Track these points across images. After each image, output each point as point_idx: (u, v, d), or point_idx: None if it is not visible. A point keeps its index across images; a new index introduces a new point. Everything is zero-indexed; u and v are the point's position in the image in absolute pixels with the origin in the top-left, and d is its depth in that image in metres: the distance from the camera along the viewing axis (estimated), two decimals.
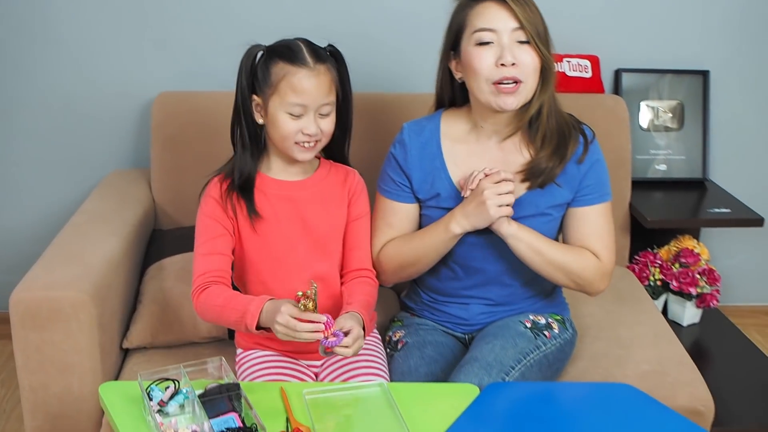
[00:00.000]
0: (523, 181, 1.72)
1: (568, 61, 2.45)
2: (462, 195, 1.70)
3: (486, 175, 1.65)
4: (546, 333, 1.77)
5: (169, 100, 2.29)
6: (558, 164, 1.71)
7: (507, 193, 1.64)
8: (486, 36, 1.63)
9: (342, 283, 1.71)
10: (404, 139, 1.77)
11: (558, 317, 1.85)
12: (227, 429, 1.31)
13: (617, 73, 2.53)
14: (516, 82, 1.63)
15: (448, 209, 1.73)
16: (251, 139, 1.64)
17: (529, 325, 1.77)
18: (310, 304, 1.47)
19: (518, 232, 1.68)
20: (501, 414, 1.46)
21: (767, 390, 2.12)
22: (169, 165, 2.27)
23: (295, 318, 1.44)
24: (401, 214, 1.79)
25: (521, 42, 1.63)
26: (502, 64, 1.62)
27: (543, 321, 1.80)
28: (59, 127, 2.48)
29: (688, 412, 1.80)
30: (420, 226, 1.80)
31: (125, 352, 1.93)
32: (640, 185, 2.48)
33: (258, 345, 1.71)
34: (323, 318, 1.44)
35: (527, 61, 1.63)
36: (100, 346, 1.74)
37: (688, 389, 1.85)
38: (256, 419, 1.32)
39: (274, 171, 1.68)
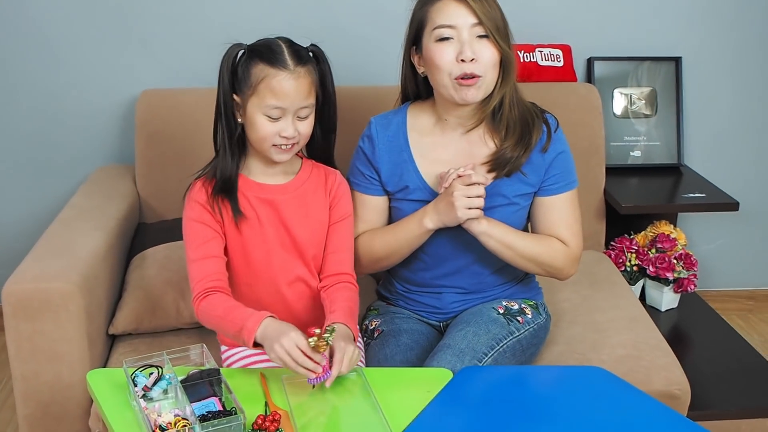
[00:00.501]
0: (489, 171, 1.75)
1: (540, 51, 2.50)
2: (438, 191, 1.73)
3: (459, 176, 1.67)
4: (519, 318, 1.81)
5: (152, 97, 2.33)
6: (523, 153, 1.74)
7: (477, 197, 1.66)
8: (446, 32, 1.66)
9: (322, 287, 1.70)
10: (372, 133, 1.80)
11: (531, 302, 1.89)
12: (208, 412, 1.37)
13: (590, 62, 2.57)
14: (476, 77, 1.66)
15: (417, 201, 1.77)
16: (231, 139, 1.61)
17: (501, 311, 1.80)
18: (322, 347, 1.44)
19: (489, 230, 1.71)
20: (473, 397, 1.49)
21: (745, 374, 2.14)
22: (153, 160, 2.32)
23: (301, 350, 1.42)
24: (371, 206, 1.82)
25: (480, 36, 1.66)
26: (462, 60, 1.65)
27: (516, 307, 1.83)
28: (46, 125, 2.51)
29: (664, 396, 1.83)
30: (390, 219, 1.84)
31: (112, 341, 1.98)
32: (616, 172, 2.52)
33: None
34: (323, 362, 1.43)
35: (486, 56, 1.66)
36: (88, 335, 1.80)
37: (663, 373, 1.87)
38: (236, 403, 1.37)
39: (255, 174, 1.66)
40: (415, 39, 1.74)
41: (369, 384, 1.49)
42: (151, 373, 1.45)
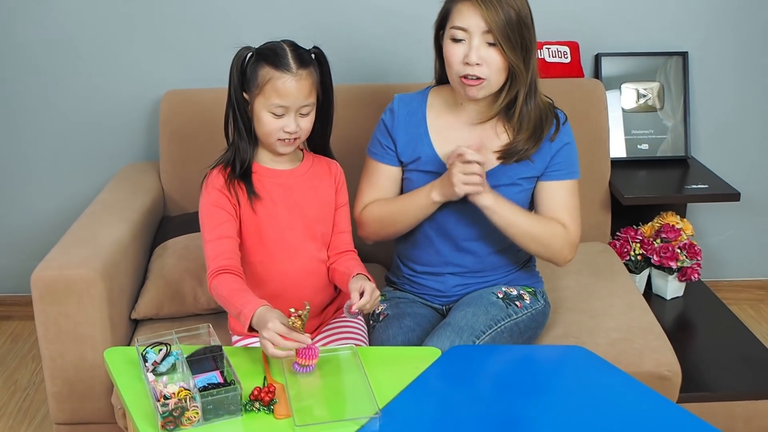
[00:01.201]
0: (498, 158, 1.87)
1: (548, 48, 2.57)
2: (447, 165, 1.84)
3: (458, 155, 1.77)
4: (517, 303, 1.90)
5: (175, 97, 2.46)
6: (533, 146, 1.86)
7: (473, 174, 1.76)
8: (459, 34, 1.78)
9: (331, 263, 1.82)
10: (394, 107, 1.95)
11: (530, 289, 1.98)
12: (209, 384, 1.48)
13: (597, 57, 2.63)
14: (480, 79, 1.77)
15: (427, 172, 1.89)
16: (246, 131, 1.75)
17: (501, 295, 1.90)
18: (298, 323, 1.53)
19: (494, 205, 1.81)
20: (458, 374, 1.59)
21: (742, 359, 2.20)
22: (176, 157, 2.45)
23: (281, 335, 1.50)
24: (384, 175, 1.95)
25: (490, 44, 1.76)
26: (467, 63, 1.76)
27: (515, 292, 1.93)
28: (78, 125, 2.65)
29: (654, 377, 1.91)
30: (402, 190, 1.96)
31: (135, 325, 2.12)
32: (624, 164, 2.59)
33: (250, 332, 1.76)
34: (308, 340, 1.51)
35: (493, 61, 1.77)
36: (110, 318, 1.93)
37: (654, 355, 1.94)
38: (234, 376, 1.49)
39: (266, 162, 1.78)
40: (439, 27, 1.86)
41: (361, 361, 1.59)
42: (161, 350, 1.57)
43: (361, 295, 1.63)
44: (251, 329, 1.58)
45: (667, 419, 1.45)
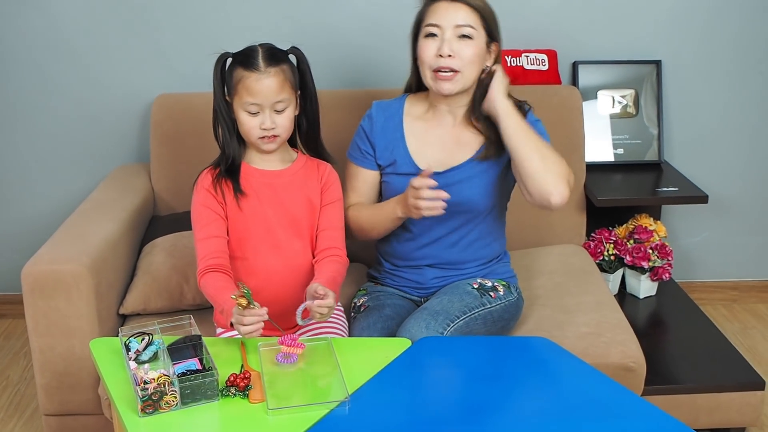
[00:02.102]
0: (477, 158, 1.97)
1: (526, 56, 2.66)
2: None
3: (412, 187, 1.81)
4: (491, 294, 2.00)
5: (166, 101, 2.55)
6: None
7: (421, 199, 1.79)
8: (432, 29, 1.90)
9: (315, 261, 1.88)
10: (372, 113, 2.05)
11: (504, 282, 2.07)
12: (188, 371, 1.56)
13: (575, 65, 2.72)
14: (453, 71, 1.88)
15: (403, 174, 1.98)
16: (230, 132, 1.83)
17: (476, 286, 2.00)
18: (243, 302, 1.60)
19: (510, 109, 1.88)
20: (424, 363, 1.67)
21: (707, 354, 2.29)
22: (167, 158, 2.53)
23: (241, 322, 1.61)
24: (363, 179, 2.04)
25: (462, 36, 1.88)
26: (440, 55, 1.87)
27: (490, 284, 2.03)
28: (71, 127, 2.74)
29: (619, 368, 1.99)
30: (381, 193, 2.06)
31: (123, 320, 2.19)
32: (599, 168, 2.68)
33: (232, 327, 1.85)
34: (261, 311, 1.60)
35: (465, 54, 1.88)
36: (98, 313, 2.01)
37: (620, 348, 2.02)
38: (211, 363, 1.57)
39: (255, 162, 1.87)
40: (415, 33, 1.96)
41: (334, 350, 1.67)
42: (143, 339, 1.65)
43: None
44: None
45: (625, 408, 1.51)
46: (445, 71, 1.89)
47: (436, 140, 2.00)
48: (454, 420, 1.47)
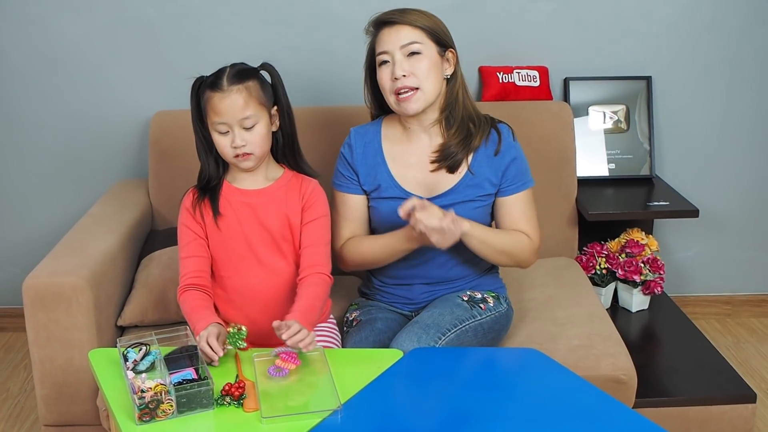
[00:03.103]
0: (432, 162, 2.01)
1: (518, 72, 2.71)
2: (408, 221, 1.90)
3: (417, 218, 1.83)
4: (481, 305, 2.02)
5: (164, 118, 2.59)
6: (463, 149, 1.99)
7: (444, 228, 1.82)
8: (383, 57, 1.96)
9: (299, 280, 1.87)
10: (351, 141, 2.07)
11: (493, 294, 2.10)
12: (184, 380, 1.59)
13: (566, 82, 2.76)
14: (412, 89, 1.93)
15: (390, 198, 2.02)
16: (208, 153, 1.87)
17: (466, 298, 2.03)
18: (232, 331, 1.71)
19: (470, 230, 1.91)
20: (416, 373, 1.69)
21: (699, 366, 2.30)
22: (164, 174, 2.58)
23: (203, 348, 1.67)
24: (351, 204, 2.07)
25: (412, 54, 1.93)
26: (395, 78, 1.92)
27: (479, 296, 2.06)
28: (71, 143, 2.79)
29: (611, 380, 2.01)
30: (369, 218, 2.09)
31: (121, 332, 2.22)
32: (591, 183, 2.71)
33: None
34: (214, 357, 1.67)
35: (418, 69, 1.93)
36: (97, 325, 2.04)
37: (611, 360, 2.04)
38: (207, 372, 1.60)
39: (238, 181, 1.89)
40: (372, 67, 2.02)
41: (327, 361, 1.69)
42: (140, 350, 1.69)
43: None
44: None
45: (616, 420, 1.53)
46: (405, 91, 1.93)
47: (417, 161, 2.04)
48: (444, 430, 1.50)
